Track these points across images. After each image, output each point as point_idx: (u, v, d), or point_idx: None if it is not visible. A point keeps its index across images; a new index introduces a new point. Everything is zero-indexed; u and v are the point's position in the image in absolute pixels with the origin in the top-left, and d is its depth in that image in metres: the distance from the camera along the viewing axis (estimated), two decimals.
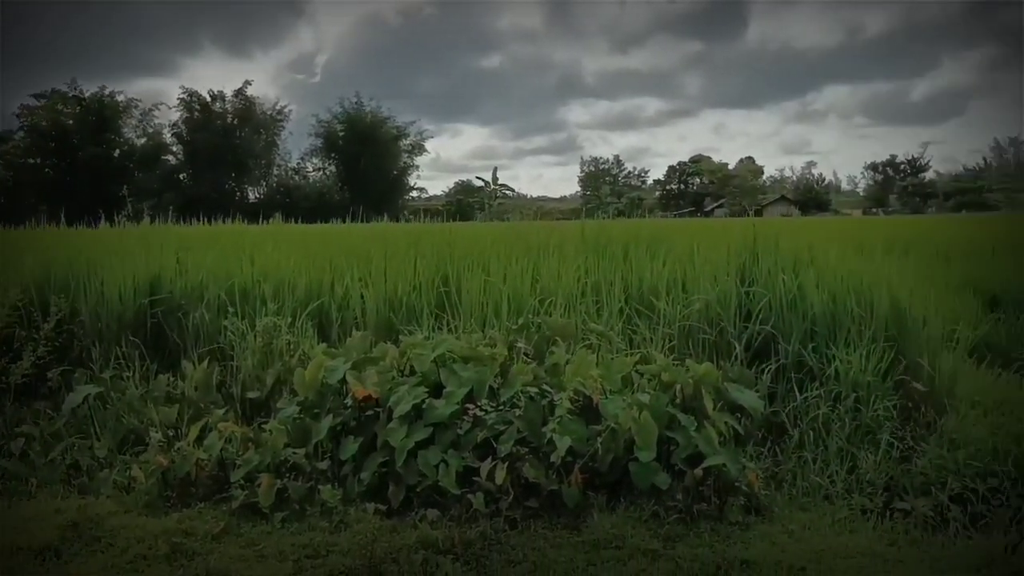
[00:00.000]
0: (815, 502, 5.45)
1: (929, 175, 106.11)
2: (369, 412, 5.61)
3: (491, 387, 5.72)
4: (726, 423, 5.62)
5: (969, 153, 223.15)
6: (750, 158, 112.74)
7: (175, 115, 71.76)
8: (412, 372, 5.93)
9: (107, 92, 68.18)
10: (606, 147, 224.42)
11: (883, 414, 6.30)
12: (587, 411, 5.48)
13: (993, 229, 22.74)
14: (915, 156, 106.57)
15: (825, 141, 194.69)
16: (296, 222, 14.24)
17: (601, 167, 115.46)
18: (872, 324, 6.79)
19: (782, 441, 6.22)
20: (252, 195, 75.52)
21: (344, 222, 12.70)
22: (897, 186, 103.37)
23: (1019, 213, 63.47)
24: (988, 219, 37.19)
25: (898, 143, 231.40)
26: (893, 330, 6.78)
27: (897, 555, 4.61)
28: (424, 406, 5.48)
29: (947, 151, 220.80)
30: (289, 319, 7.26)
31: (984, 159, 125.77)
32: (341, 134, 79.33)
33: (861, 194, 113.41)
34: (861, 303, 6.99)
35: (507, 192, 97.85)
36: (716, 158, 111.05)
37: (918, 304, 7.08)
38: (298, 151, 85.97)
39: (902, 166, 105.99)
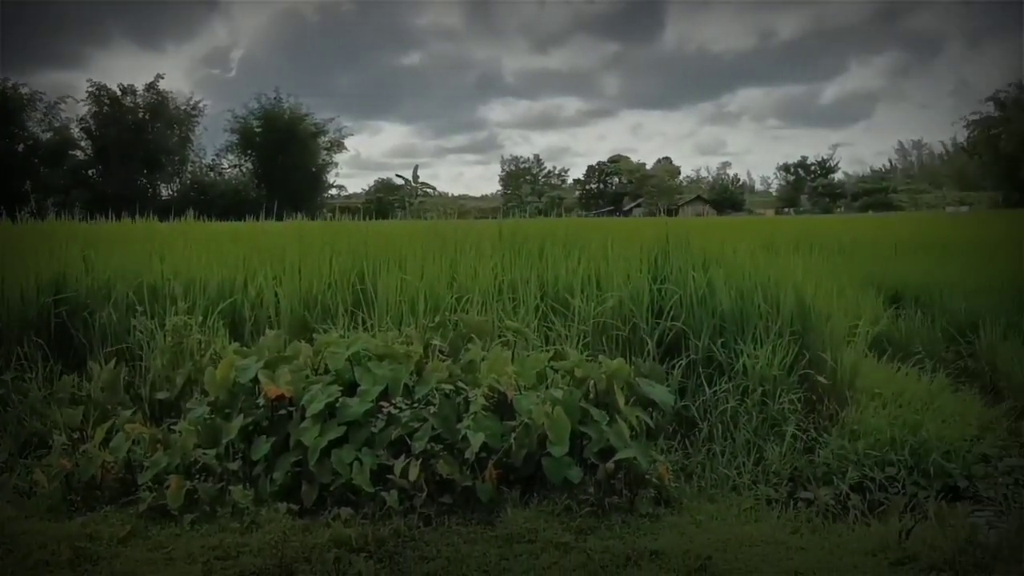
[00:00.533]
0: (723, 493, 5.60)
1: (838, 176, 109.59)
2: (282, 411, 5.55)
3: (406, 385, 5.72)
4: (638, 417, 5.74)
5: (875, 155, 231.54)
6: (667, 158, 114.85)
7: (83, 109, 69.36)
8: (326, 371, 5.89)
9: (10, 84, 65.54)
10: (527, 146, 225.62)
11: (788, 407, 6.51)
12: (502, 407, 5.53)
13: (896, 229, 23.64)
14: (825, 158, 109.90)
15: (739, 142, 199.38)
16: (210, 220, 13.94)
17: (522, 166, 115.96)
18: (778, 320, 7.00)
19: (692, 434, 6.38)
20: (165, 192, 73.59)
21: (259, 220, 12.48)
22: (808, 187, 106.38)
23: (922, 213, 66.05)
24: (892, 219, 38.58)
25: (809, 145, 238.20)
26: (798, 326, 7.01)
27: (799, 542, 4.77)
28: (338, 405, 5.46)
29: (855, 153, 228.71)
30: (200, 318, 7.13)
31: (889, 161, 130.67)
32: (258, 130, 77.92)
33: (774, 194, 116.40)
34: (768, 300, 7.21)
35: (428, 190, 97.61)
36: (634, 158, 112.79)
37: (822, 301, 7.33)
38: (213, 147, 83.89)
39: (812, 167, 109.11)
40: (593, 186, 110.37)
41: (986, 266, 14.64)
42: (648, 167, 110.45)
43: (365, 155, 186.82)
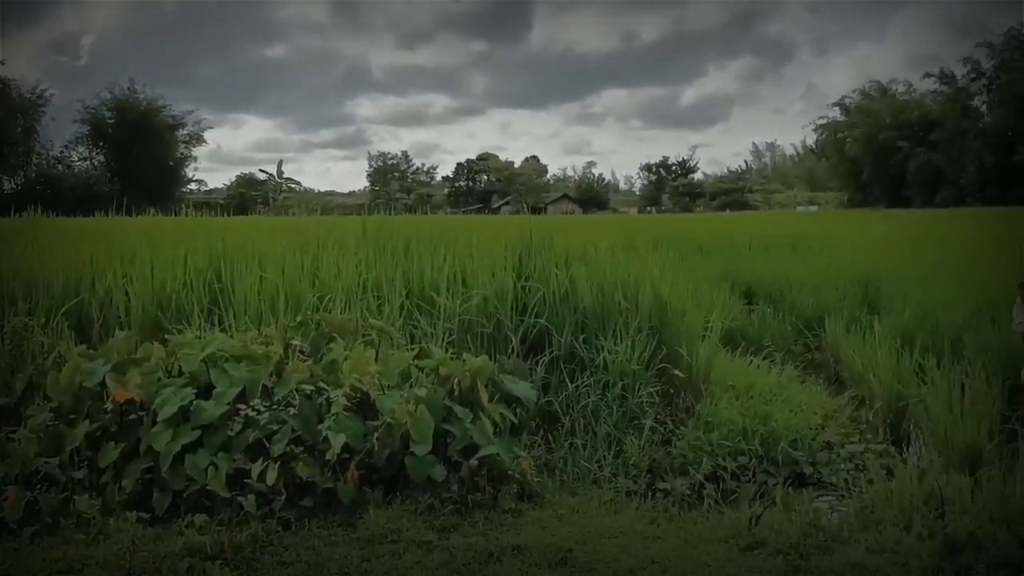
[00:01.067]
0: (584, 486, 5.71)
1: (697, 176, 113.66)
2: (132, 416, 5.30)
3: (265, 386, 5.56)
4: (501, 414, 5.77)
5: (732, 156, 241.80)
6: (535, 157, 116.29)
7: None
8: (180, 373, 5.67)
9: None
10: (395, 142, 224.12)
11: (647, 400, 6.70)
12: (364, 407, 5.46)
13: (750, 227, 24.71)
14: (685, 158, 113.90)
15: (604, 142, 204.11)
16: (58, 215, 13.19)
17: (390, 162, 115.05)
18: (637, 316, 7.19)
19: (555, 429, 6.47)
20: (8, 185, 69.31)
21: (108, 215, 11.92)
22: (669, 186, 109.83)
23: (774, 212, 69.23)
24: (747, 218, 40.30)
25: (670, 145, 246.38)
26: (656, 321, 7.21)
27: (656, 532, 4.90)
28: (192, 408, 5.26)
29: (713, 154, 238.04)
30: (43, 319, 6.73)
31: (745, 162, 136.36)
32: (111, 122, 74.50)
33: (637, 193, 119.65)
34: (628, 297, 7.39)
35: (293, 186, 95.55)
36: (503, 156, 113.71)
37: (679, 297, 7.58)
38: (62, 139, 79.41)
39: (673, 167, 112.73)
40: (462, 183, 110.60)
41: (832, 263, 15.50)
42: (516, 165, 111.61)
43: (227, 149, 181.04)
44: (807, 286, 13.14)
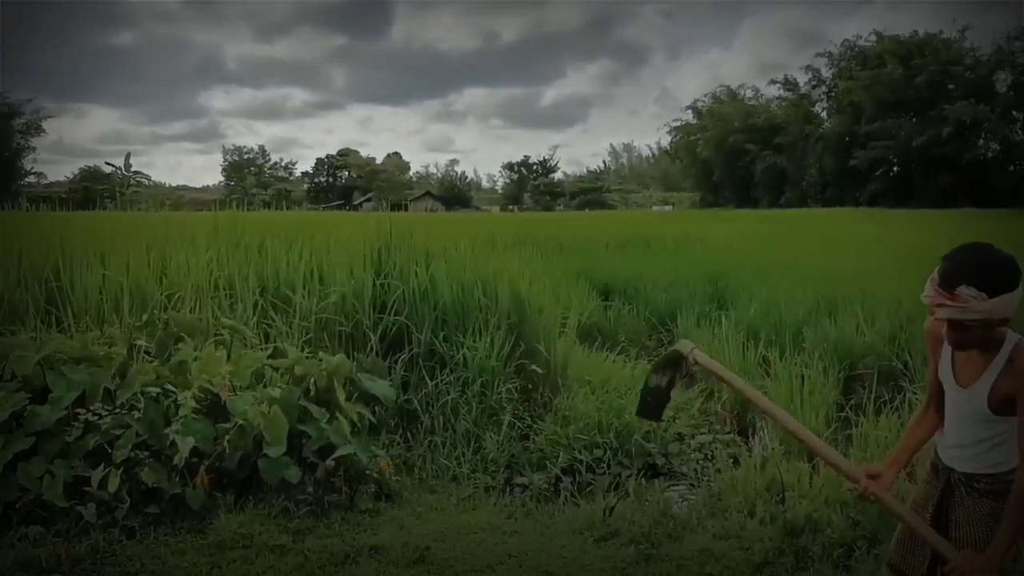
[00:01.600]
0: (443, 484, 5.71)
1: (558, 176, 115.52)
2: None
3: (107, 389, 5.29)
4: (359, 413, 5.70)
5: (591, 156, 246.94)
6: (397, 154, 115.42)
7: None
8: (13, 377, 5.31)
9: None
10: (251, 137, 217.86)
11: (506, 396, 6.75)
12: (215, 409, 5.27)
13: (608, 226, 25.32)
14: (545, 158, 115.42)
15: (466, 140, 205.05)
16: None
17: (246, 157, 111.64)
18: (496, 313, 7.24)
19: (414, 427, 6.44)
20: None
21: None
22: (530, 185, 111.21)
23: (631, 211, 71.22)
24: (605, 216, 41.29)
25: (531, 145, 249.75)
26: (515, 318, 7.28)
27: (514, 527, 4.95)
28: (25, 413, 4.94)
29: (573, 154, 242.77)
30: None
31: (603, 162, 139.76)
32: None
33: (499, 192, 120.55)
34: (487, 293, 7.43)
35: (141, 179, 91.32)
36: (364, 152, 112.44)
37: (537, 294, 7.68)
38: None
39: (534, 166, 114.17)
40: (322, 180, 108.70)
41: (684, 260, 16.06)
42: (378, 162, 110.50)
43: (69, 140, 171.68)
44: (660, 283, 13.56)
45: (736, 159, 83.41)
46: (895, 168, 67.35)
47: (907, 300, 10.01)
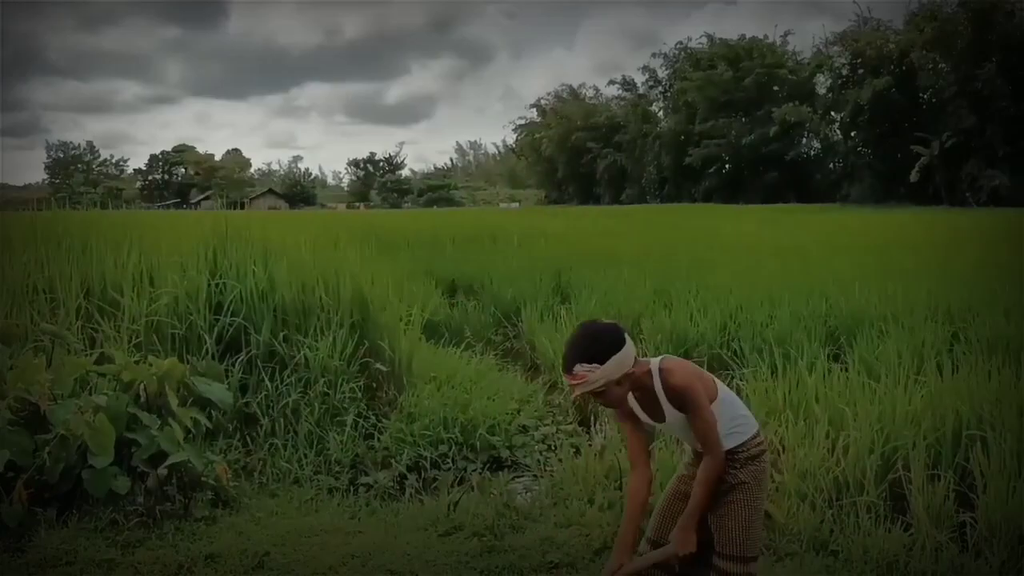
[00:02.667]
0: (285, 487, 5.58)
1: (405, 173, 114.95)
2: None
3: None
4: (194, 418, 5.48)
5: (438, 154, 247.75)
6: (236, 150, 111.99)
7: None
8: None
9: None
10: (78, 132, 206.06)
11: (349, 396, 6.67)
12: (33, 419, 4.95)
13: (454, 223, 25.41)
14: (392, 154, 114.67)
15: (309, 137, 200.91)
16: None
17: (72, 153, 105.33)
18: (338, 311, 7.14)
19: (254, 431, 6.27)
20: None
21: None
22: (377, 182, 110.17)
23: (479, 208, 71.75)
24: (452, 213, 41.43)
25: (377, 141, 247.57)
26: (357, 316, 7.20)
27: (357, 527, 4.90)
28: None
29: (420, 151, 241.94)
30: None
31: (451, 159, 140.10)
32: None
33: (345, 189, 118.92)
34: (329, 292, 7.32)
35: None
36: (201, 148, 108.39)
37: (381, 291, 7.61)
38: None
39: (381, 163, 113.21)
40: (157, 177, 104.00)
41: (529, 255, 16.31)
42: (217, 158, 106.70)
43: None
44: (506, 278, 13.71)
45: (579, 157, 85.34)
46: (727, 166, 70.65)
47: (736, 290, 10.54)
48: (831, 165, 68.27)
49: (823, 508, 4.85)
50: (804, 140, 69.04)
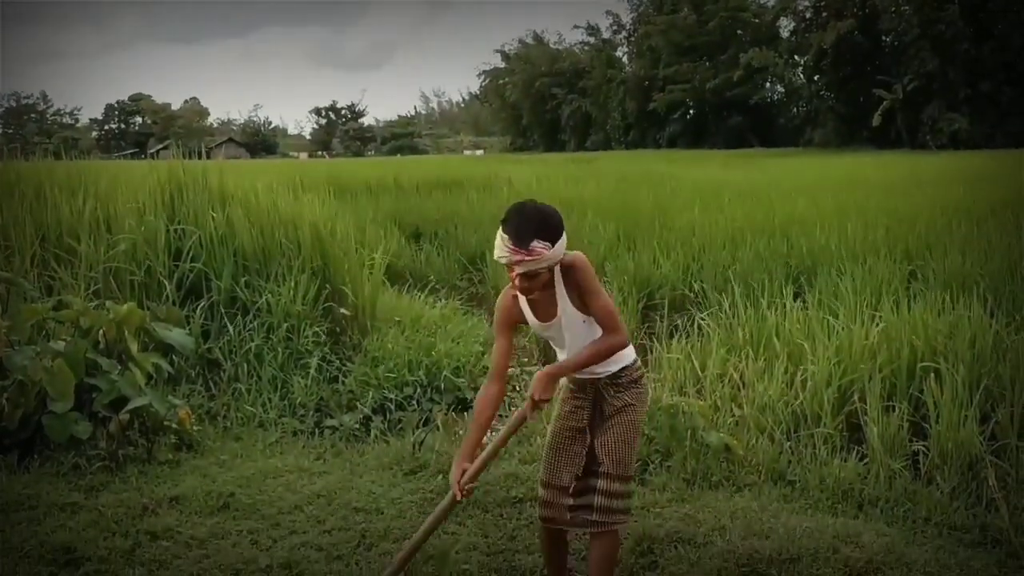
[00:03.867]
0: (249, 430, 5.58)
1: (368, 121, 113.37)
2: None
3: None
4: (155, 364, 5.45)
5: (401, 102, 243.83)
6: (195, 99, 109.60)
7: None
8: None
9: None
10: (29, 81, 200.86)
11: (313, 340, 6.65)
12: None
13: (419, 170, 25.18)
14: (354, 102, 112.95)
15: (270, 84, 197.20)
16: None
17: (24, 102, 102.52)
18: (300, 256, 7.09)
19: (217, 376, 6.24)
20: None
21: None
22: (339, 130, 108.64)
23: (443, 156, 71.22)
24: (416, 161, 41.08)
25: (339, 90, 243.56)
26: (320, 261, 7.15)
27: (323, 467, 4.93)
28: None
29: (382, 99, 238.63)
30: None
31: (414, 107, 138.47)
32: None
33: (308, 137, 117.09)
34: (290, 237, 7.25)
35: None
36: (158, 98, 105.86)
37: (343, 236, 7.55)
38: None
39: (343, 111, 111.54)
40: (113, 126, 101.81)
41: (493, 201, 16.24)
42: (174, 107, 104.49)
43: None
44: (471, 223, 13.68)
45: (543, 103, 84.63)
46: (691, 111, 70.48)
47: (699, 233, 10.61)
48: (794, 109, 68.35)
49: (781, 440, 4.96)
50: (768, 85, 68.91)
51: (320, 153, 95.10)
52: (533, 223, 2.86)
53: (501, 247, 2.90)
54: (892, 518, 4.14)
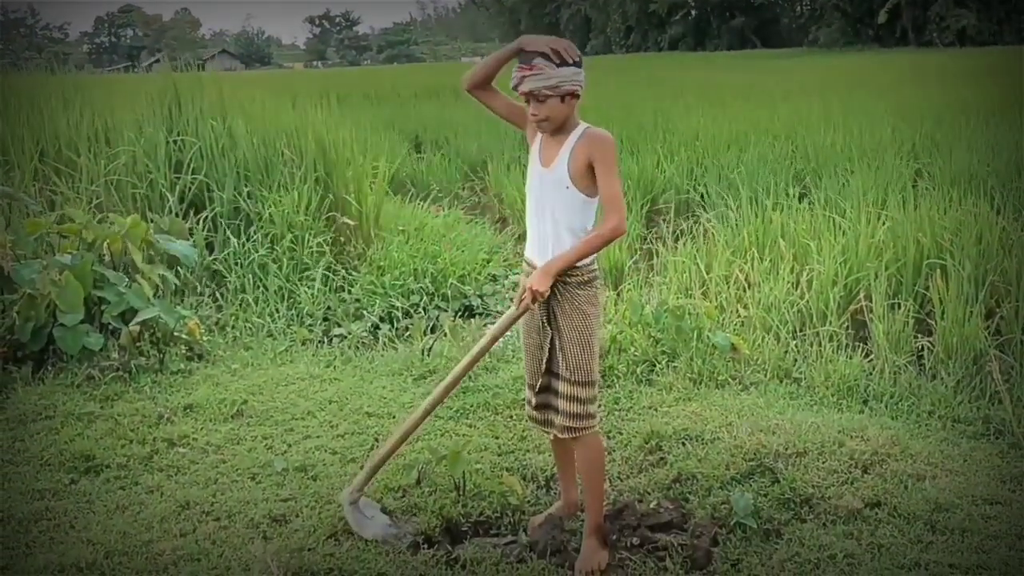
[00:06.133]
0: (258, 340, 5.60)
1: (363, 29, 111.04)
2: None
3: None
4: (161, 276, 5.46)
5: (396, 8, 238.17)
6: (186, 10, 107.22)
7: None
8: None
9: None
10: None
11: (317, 250, 6.65)
12: None
13: (417, 78, 24.81)
14: (349, 11, 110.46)
15: None
16: None
17: (12, 16, 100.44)
18: (302, 166, 7.03)
19: (223, 287, 6.26)
20: None
21: None
22: (334, 39, 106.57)
23: (440, 63, 69.96)
24: (414, 68, 40.38)
25: None
26: (322, 171, 7.09)
27: (333, 374, 4.97)
28: None
29: (377, 6, 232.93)
30: None
31: (410, 14, 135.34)
32: None
33: (302, 48, 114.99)
34: (292, 147, 7.19)
35: None
36: (149, 9, 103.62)
37: (345, 145, 7.47)
38: None
39: (337, 20, 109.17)
40: (104, 40, 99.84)
41: None
42: (166, 19, 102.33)
43: None
44: (472, 131, 13.53)
45: (542, 7, 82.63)
46: (693, 12, 68.87)
47: (703, 136, 10.48)
48: (798, 8, 66.77)
49: (787, 339, 4.99)
50: None
51: (315, 63, 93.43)
52: (539, 43, 2.87)
53: (513, 75, 2.91)
54: (897, 412, 4.19)
